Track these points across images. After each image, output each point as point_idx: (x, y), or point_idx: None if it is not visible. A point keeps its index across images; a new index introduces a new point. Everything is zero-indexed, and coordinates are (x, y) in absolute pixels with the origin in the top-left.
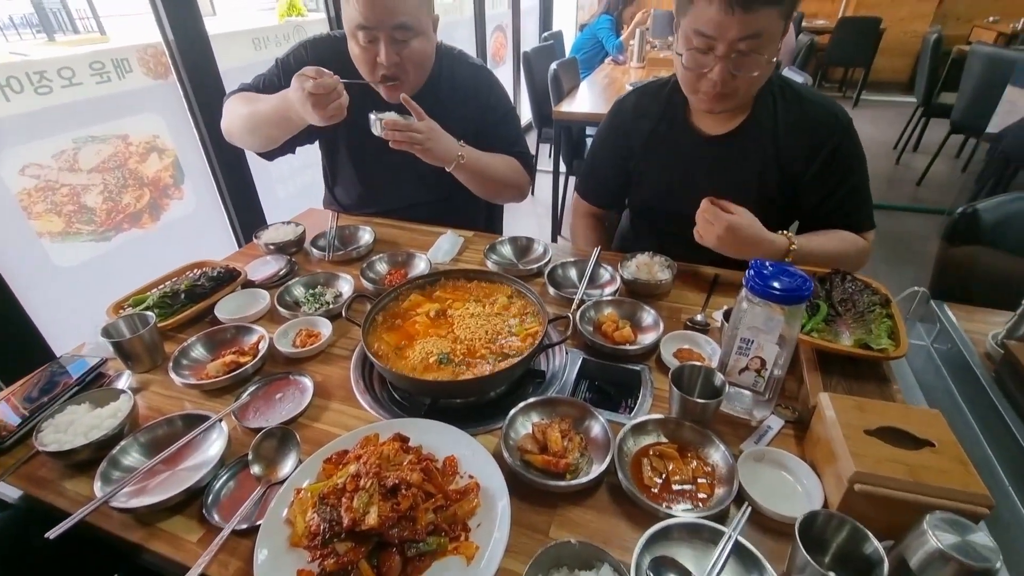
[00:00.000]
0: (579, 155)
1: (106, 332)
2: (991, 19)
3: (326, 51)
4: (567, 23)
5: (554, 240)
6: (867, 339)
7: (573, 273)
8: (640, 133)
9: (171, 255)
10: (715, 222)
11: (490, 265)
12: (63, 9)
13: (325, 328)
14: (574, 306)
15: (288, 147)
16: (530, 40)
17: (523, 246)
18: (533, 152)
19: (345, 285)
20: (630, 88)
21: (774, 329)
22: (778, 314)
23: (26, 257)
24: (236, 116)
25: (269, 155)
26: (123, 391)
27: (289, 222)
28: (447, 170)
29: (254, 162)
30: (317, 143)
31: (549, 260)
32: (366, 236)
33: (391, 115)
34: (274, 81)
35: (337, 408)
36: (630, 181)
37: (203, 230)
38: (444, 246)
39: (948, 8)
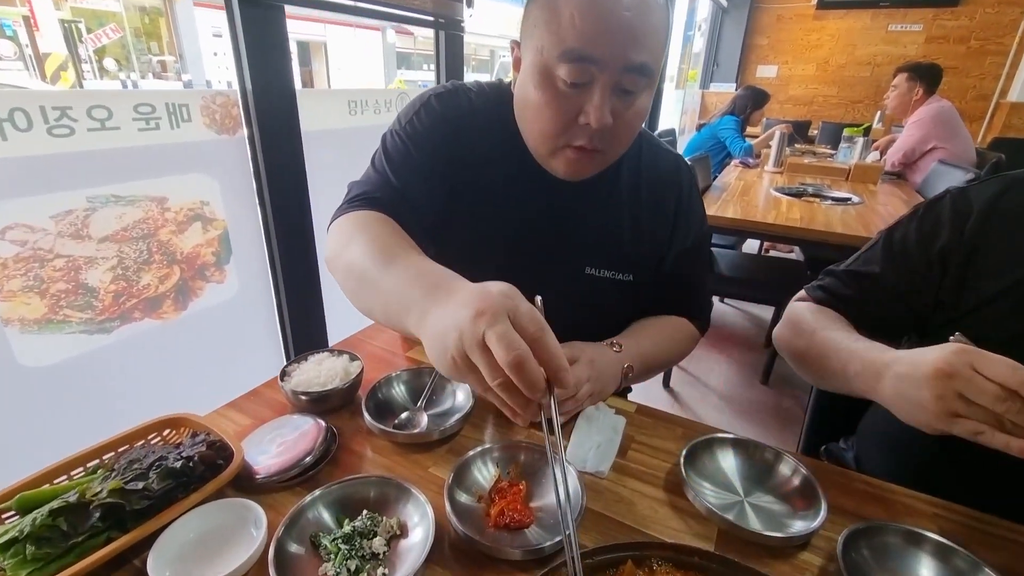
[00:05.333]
0: None
1: None
2: None
3: (450, 106)
4: (671, 123)
5: (667, 375)
6: None
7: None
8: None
9: (193, 357)
10: None
11: (695, 502)
12: (207, 88)
13: None
14: None
15: None
16: None
17: (760, 462)
18: None
19: (415, 515)
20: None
21: None
22: None
23: None
24: (345, 260)
25: None
26: None
27: (340, 351)
28: None
29: (323, 241)
30: None
31: (824, 514)
32: (459, 397)
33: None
34: (397, 181)
35: None
36: (927, 317)
37: (243, 322)
38: (595, 436)
39: None
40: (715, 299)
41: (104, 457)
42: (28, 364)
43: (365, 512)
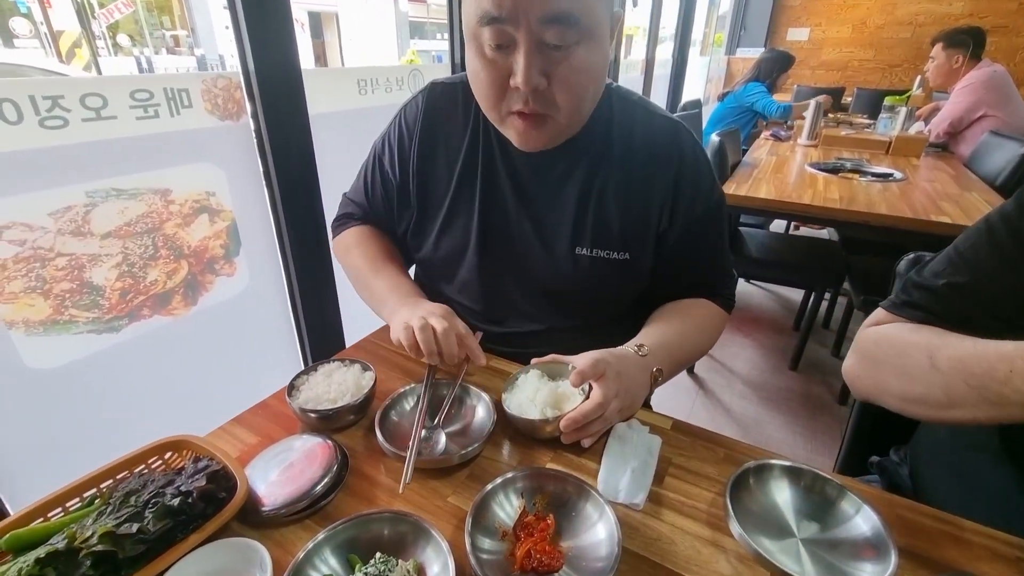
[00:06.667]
0: (734, 248)
1: None
2: None
3: (441, 98)
4: (695, 92)
5: None
6: None
7: None
8: None
9: (206, 352)
10: None
11: (742, 542)
12: (220, 64)
13: None
14: None
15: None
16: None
17: (816, 494)
18: None
19: (434, 560)
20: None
21: None
22: None
23: None
24: (347, 265)
25: None
26: None
27: (352, 360)
28: None
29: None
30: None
31: (895, 566)
32: (480, 412)
33: (554, 411)
34: (369, 206)
35: None
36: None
37: (256, 314)
38: (628, 461)
39: None
40: (741, 280)
41: (102, 485)
42: (36, 367)
43: (379, 555)
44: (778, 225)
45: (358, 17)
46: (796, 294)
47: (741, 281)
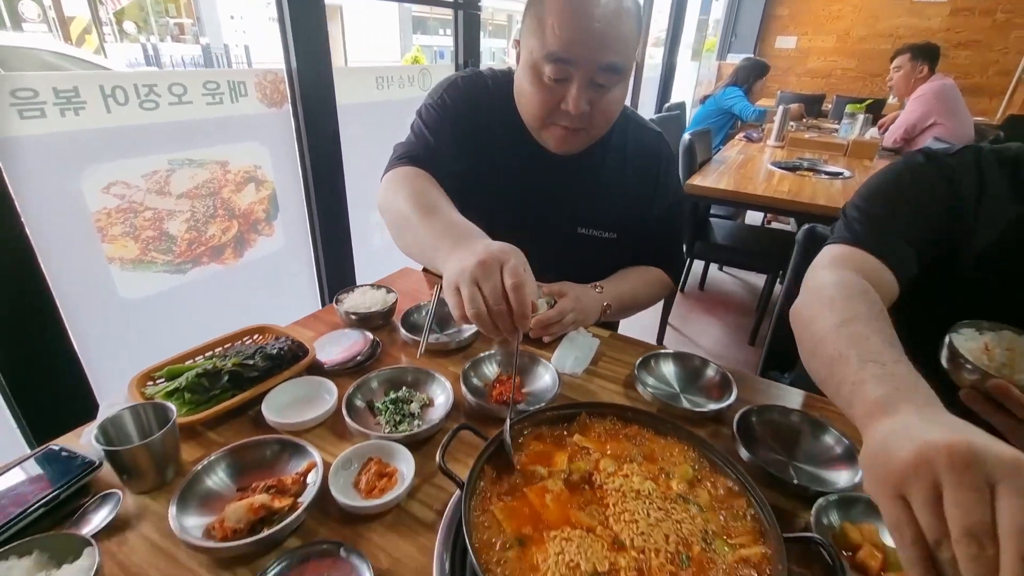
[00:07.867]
0: (702, 235)
1: (103, 431)
2: None
3: (490, 89)
4: (683, 96)
5: (661, 335)
6: None
7: (783, 429)
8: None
9: (247, 297)
10: None
11: (642, 392)
12: (224, 54)
13: (404, 464)
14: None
15: None
16: (646, 108)
17: (693, 368)
18: None
19: (439, 393)
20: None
21: None
22: None
23: (90, 285)
24: (393, 207)
25: None
26: (88, 542)
27: (379, 286)
28: None
29: (354, 203)
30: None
31: (733, 400)
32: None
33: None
34: (435, 141)
35: None
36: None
37: (287, 271)
38: (575, 351)
39: None
40: (713, 267)
41: (216, 350)
42: (127, 297)
43: (404, 388)
44: (755, 219)
45: (362, 10)
46: (762, 280)
47: (713, 268)
